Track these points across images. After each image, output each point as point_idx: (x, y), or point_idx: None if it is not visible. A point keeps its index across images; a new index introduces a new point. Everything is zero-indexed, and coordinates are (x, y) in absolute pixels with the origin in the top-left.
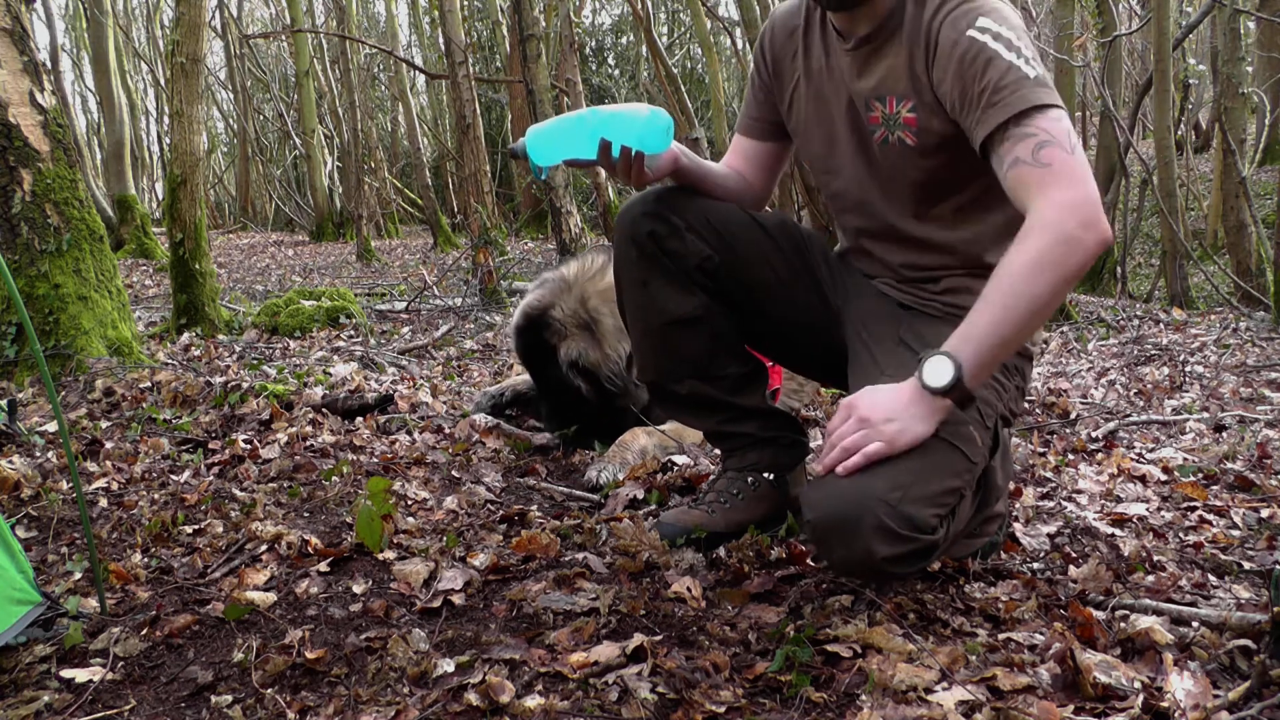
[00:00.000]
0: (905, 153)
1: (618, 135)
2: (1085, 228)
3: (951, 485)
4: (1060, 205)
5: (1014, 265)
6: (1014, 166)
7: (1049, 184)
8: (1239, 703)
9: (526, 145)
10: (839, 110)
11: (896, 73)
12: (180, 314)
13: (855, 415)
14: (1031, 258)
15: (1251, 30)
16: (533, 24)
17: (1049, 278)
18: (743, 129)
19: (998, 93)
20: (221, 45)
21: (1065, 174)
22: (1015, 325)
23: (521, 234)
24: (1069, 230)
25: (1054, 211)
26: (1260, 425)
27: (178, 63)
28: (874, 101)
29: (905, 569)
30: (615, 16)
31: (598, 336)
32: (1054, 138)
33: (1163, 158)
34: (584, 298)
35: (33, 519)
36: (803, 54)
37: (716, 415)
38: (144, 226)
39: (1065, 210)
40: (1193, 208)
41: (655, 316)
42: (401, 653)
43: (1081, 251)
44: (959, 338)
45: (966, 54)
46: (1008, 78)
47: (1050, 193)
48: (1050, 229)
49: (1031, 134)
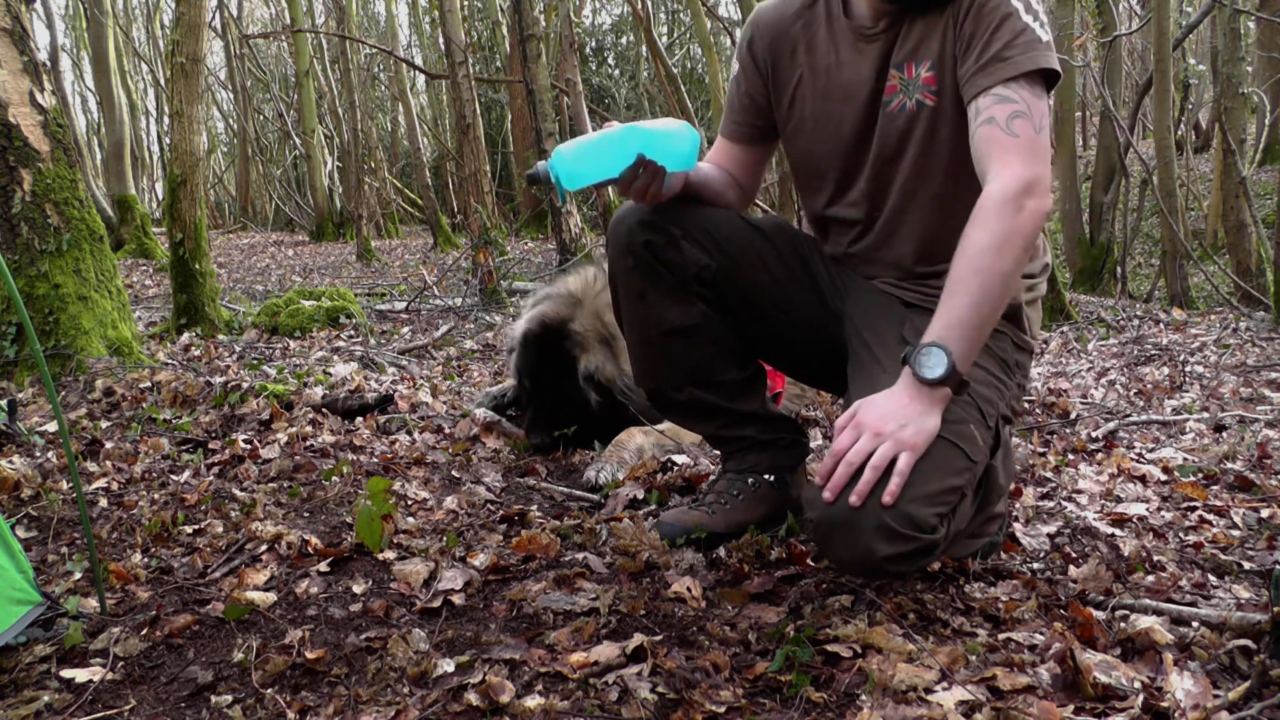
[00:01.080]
0: (919, 117)
1: (658, 154)
2: (1039, 201)
3: (953, 484)
4: (1019, 178)
5: (982, 243)
6: (988, 124)
7: (1012, 153)
8: (1239, 703)
9: (553, 169)
10: (853, 95)
11: (928, 40)
12: (180, 314)
13: (867, 431)
14: (996, 235)
15: (1251, 30)
16: (533, 24)
17: (1014, 252)
18: (728, 134)
19: (1009, 48)
20: (221, 45)
21: (1028, 148)
22: (992, 303)
23: (521, 234)
24: (1025, 203)
25: (1014, 183)
26: (1260, 425)
27: (178, 63)
28: (893, 71)
29: (906, 567)
30: (615, 16)
31: (615, 351)
32: (1030, 111)
33: (1163, 158)
34: (599, 313)
35: (33, 519)
36: (805, 50)
37: (716, 420)
38: (144, 226)
39: (1022, 184)
40: (1193, 208)
41: (654, 327)
42: (401, 653)
43: (1034, 224)
44: (943, 325)
45: (987, 3)
46: (1022, 37)
47: (1012, 162)
48: (1009, 203)
49: (1013, 100)
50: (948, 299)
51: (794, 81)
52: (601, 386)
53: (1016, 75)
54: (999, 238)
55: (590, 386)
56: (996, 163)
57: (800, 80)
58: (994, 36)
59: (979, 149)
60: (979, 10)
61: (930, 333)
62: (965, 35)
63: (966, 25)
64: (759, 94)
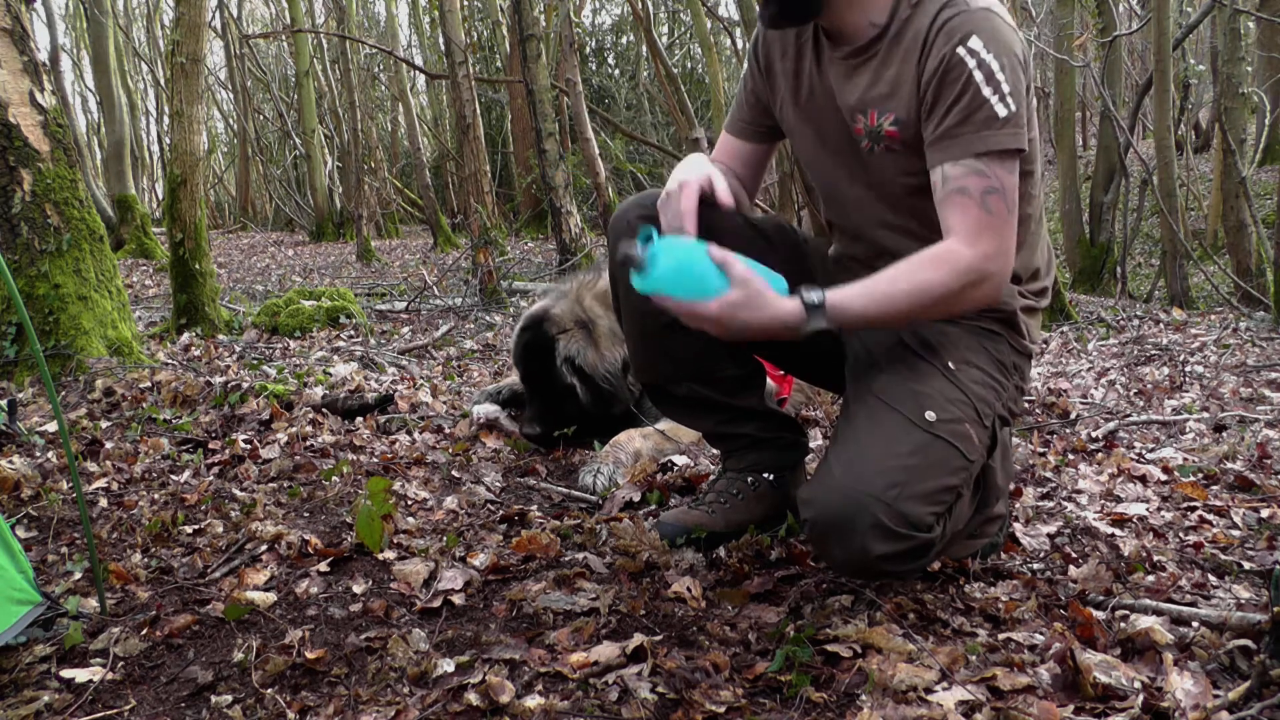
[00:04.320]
0: (892, 160)
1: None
2: (994, 285)
3: (948, 483)
4: (987, 257)
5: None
6: (959, 193)
7: (984, 228)
8: (1239, 703)
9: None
10: (829, 119)
11: (884, 84)
12: (180, 314)
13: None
14: (943, 290)
15: (1251, 30)
16: (533, 24)
17: (942, 309)
18: (734, 130)
19: (962, 125)
20: (221, 45)
21: (1001, 229)
22: (897, 318)
23: (521, 234)
24: (982, 285)
25: (980, 261)
26: (1260, 425)
27: (178, 63)
28: (858, 114)
29: (902, 567)
30: (615, 16)
31: (594, 337)
32: (1004, 189)
33: (1163, 158)
34: (580, 299)
35: (33, 519)
36: (794, 60)
37: (715, 416)
38: (144, 226)
39: (988, 263)
40: (1193, 208)
41: (651, 320)
42: (401, 653)
43: (980, 300)
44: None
45: (951, 70)
46: (978, 114)
47: (983, 238)
48: (969, 274)
49: (986, 175)
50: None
51: (783, 88)
52: (583, 373)
53: (982, 153)
54: (943, 292)
55: (570, 371)
56: (969, 232)
57: (786, 87)
58: (953, 109)
59: (948, 216)
60: (942, 78)
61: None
62: (928, 101)
63: (929, 93)
64: (762, 93)
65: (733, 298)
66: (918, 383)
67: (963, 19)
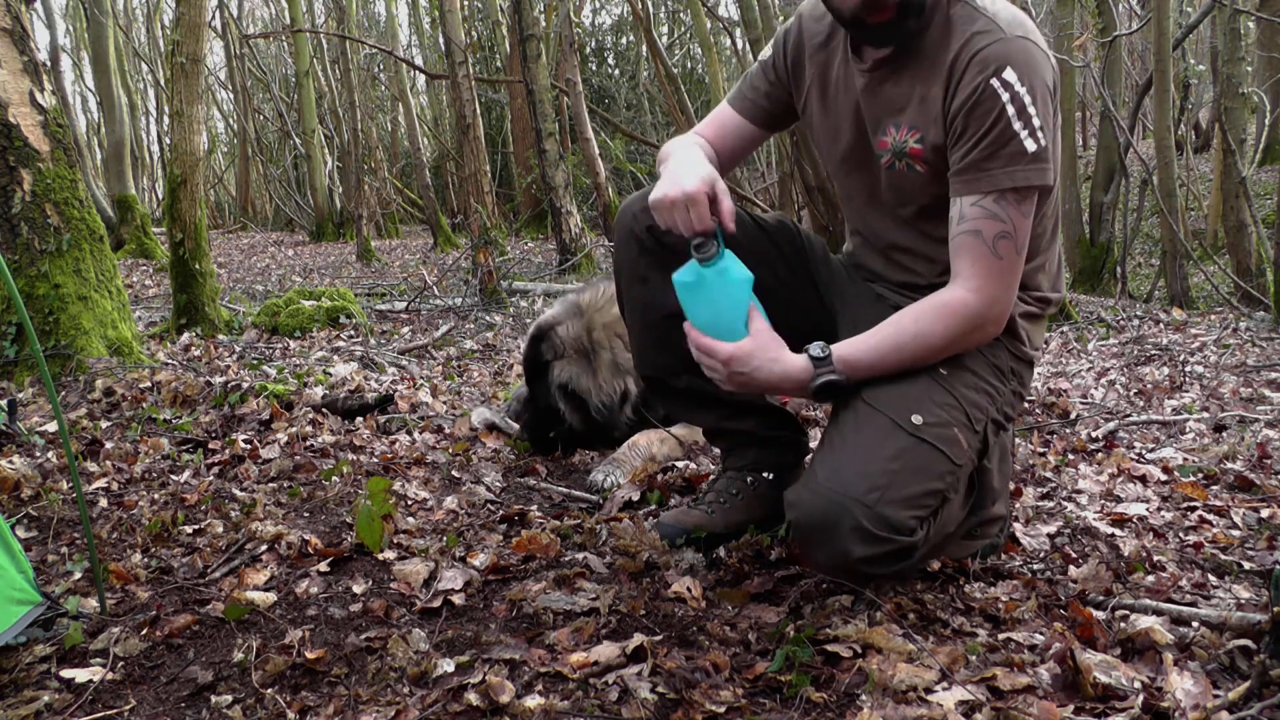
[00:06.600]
0: (913, 177)
1: None
2: (996, 325)
3: (932, 487)
4: (990, 301)
5: (932, 334)
6: (972, 236)
7: (992, 275)
8: (1239, 703)
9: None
10: (849, 125)
11: (910, 100)
12: (180, 314)
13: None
14: (946, 338)
15: (1251, 30)
16: (533, 24)
17: (946, 354)
18: (739, 106)
19: (990, 159)
20: (221, 45)
21: (1008, 273)
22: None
23: (521, 234)
24: (985, 329)
25: (986, 308)
26: (1260, 425)
27: (178, 63)
28: (887, 126)
29: (882, 570)
30: (615, 16)
31: (593, 366)
32: (1016, 233)
33: (1163, 158)
34: (589, 327)
35: (33, 519)
36: (823, 62)
37: (716, 411)
38: (144, 226)
39: (993, 308)
40: (1193, 208)
41: (654, 311)
42: (401, 653)
43: (982, 341)
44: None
45: (983, 103)
46: (1006, 149)
47: (990, 284)
48: (973, 321)
49: (1000, 219)
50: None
51: (808, 86)
52: (575, 399)
53: (1007, 189)
54: (946, 340)
55: (562, 396)
56: (977, 279)
57: (812, 87)
58: (983, 142)
59: (958, 253)
60: (971, 109)
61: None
62: (956, 129)
63: (958, 122)
64: (785, 80)
65: (746, 346)
66: (906, 386)
67: (998, 49)
